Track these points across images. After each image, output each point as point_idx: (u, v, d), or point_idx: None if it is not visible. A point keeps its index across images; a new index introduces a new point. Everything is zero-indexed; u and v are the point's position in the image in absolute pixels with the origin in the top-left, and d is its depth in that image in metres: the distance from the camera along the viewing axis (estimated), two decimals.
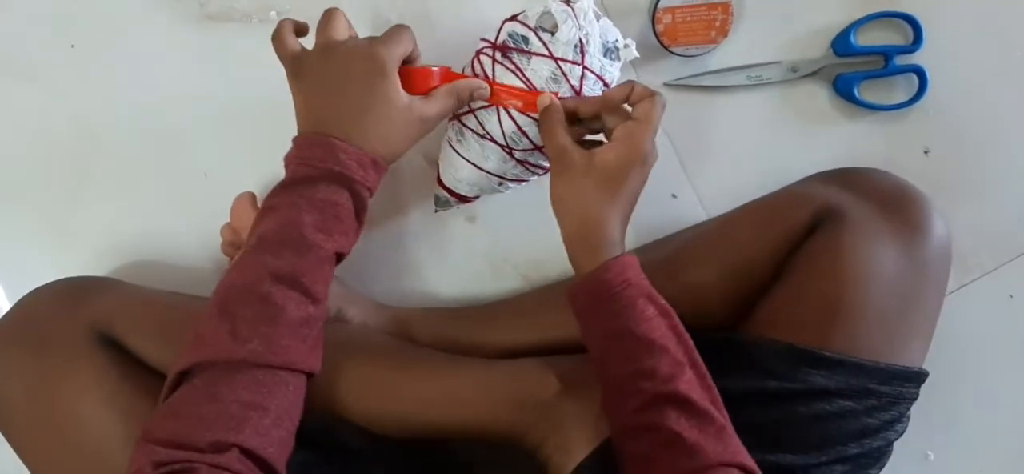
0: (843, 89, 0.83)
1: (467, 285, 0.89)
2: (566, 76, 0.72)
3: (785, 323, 0.73)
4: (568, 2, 0.72)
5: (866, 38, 0.84)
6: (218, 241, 0.82)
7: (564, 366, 0.77)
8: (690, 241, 0.83)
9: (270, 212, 0.66)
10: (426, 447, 0.77)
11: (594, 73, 0.73)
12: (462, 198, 0.80)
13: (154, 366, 0.72)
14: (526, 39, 0.73)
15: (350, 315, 0.83)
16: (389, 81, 0.67)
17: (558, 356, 0.79)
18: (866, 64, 0.84)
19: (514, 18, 0.74)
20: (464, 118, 0.76)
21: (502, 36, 0.74)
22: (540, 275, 0.88)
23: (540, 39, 0.72)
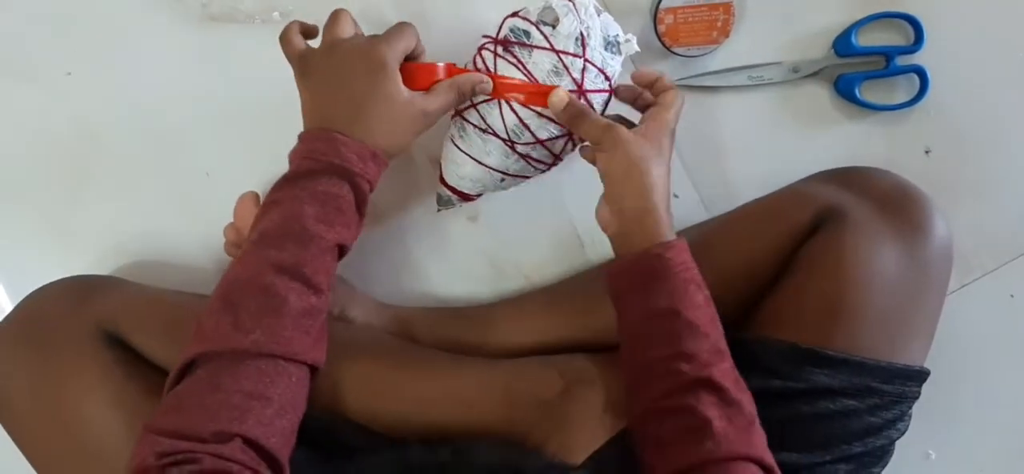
0: (844, 89, 0.84)
1: (469, 285, 0.89)
2: (568, 69, 0.72)
3: (787, 323, 0.73)
4: None
5: (867, 38, 0.84)
6: (220, 241, 0.82)
7: (567, 365, 0.77)
8: (692, 241, 0.82)
9: (272, 206, 0.66)
10: (427, 446, 0.77)
11: (595, 66, 0.73)
12: (464, 196, 0.80)
13: (159, 364, 0.72)
14: (528, 33, 0.73)
15: (353, 314, 0.83)
16: (389, 77, 0.68)
17: (560, 356, 0.79)
18: (867, 64, 0.84)
19: (515, 14, 0.75)
20: (466, 113, 0.76)
21: (504, 31, 0.75)
22: (542, 275, 0.88)
23: (541, 32, 0.72)
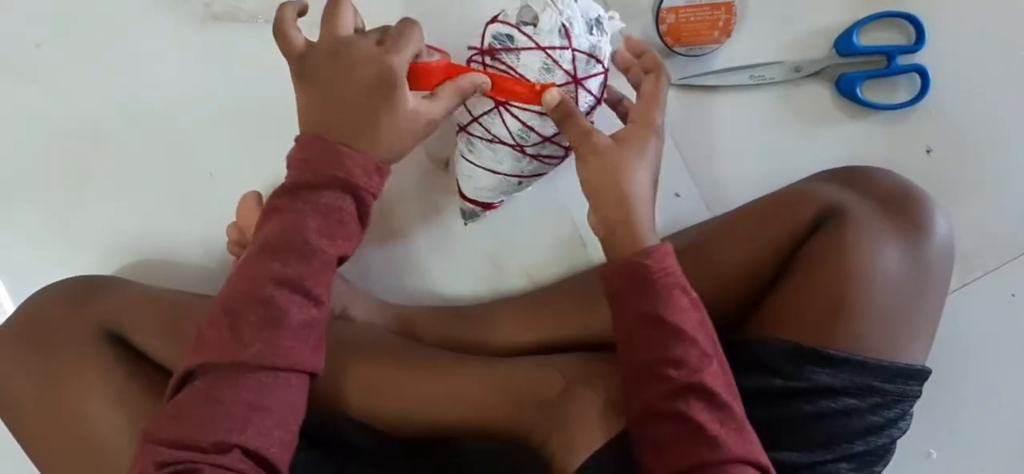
0: (846, 89, 0.84)
1: (471, 284, 0.89)
2: (558, 63, 0.71)
3: (789, 322, 0.73)
4: None
5: (868, 38, 0.84)
6: (223, 240, 0.82)
7: (568, 365, 0.77)
8: (694, 240, 0.83)
9: (274, 215, 0.65)
10: (430, 446, 0.77)
11: (584, 53, 0.72)
12: (487, 205, 0.81)
13: (161, 363, 0.73)
14: (511, 37, 0.72)
15: (355, 313, 0.83)
16: (399, 92, 0.66)
17: (562, 355, 0.79)
18: (868, 64, 0.84)
19: (495, 19, 0.74)
20: (470, 128, 0.76)
21: (487, 40, 0.73)
22: (544, 274, 0.89)
23: (524, 33, 0.72)
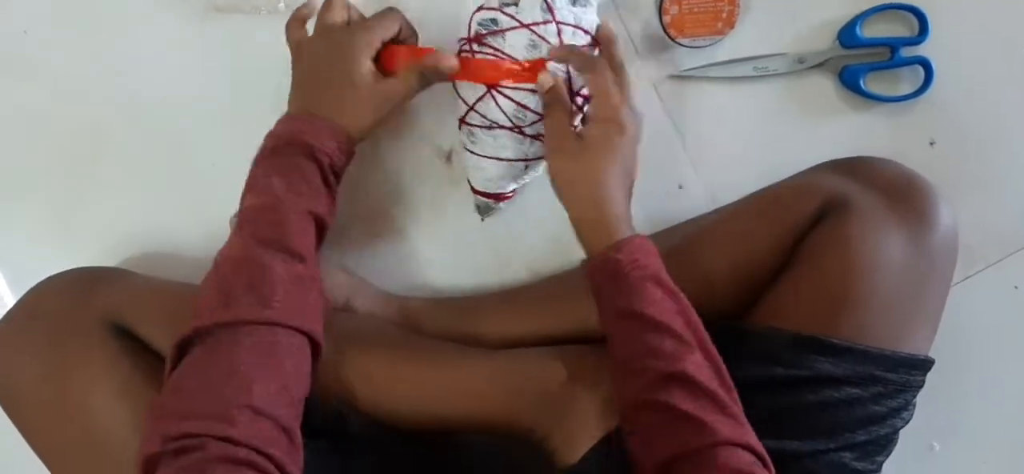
0: (849, 80, 0.84)
1: (474, 276, 0.89)
2: (543, 37, 0.72)
3: (792, 312, 0.73)
4: None
5: (872, 30, 0.84)
6: (225, 232, 0.81)
7: (570, 357, 0.77)
8: (697, 232, 0.83)
9: (248, 189, 0.69)
10: (431, 438, 0.77)
11: (569, 24, 0.72)
12: (499, 196, 0.81)
13: (165, 355, 0.72)
14: (494, 20, 0.73)
15: (358, 305, 0.83)
16: (354, 63, 0.70)
17: (565, 346, 0.79)
18: (872, 56, 0.84)
19: (479, 8, 0.75)
20: (468, 119, 0.76)
21: (473, 28, 0.75)
22: (547, 267, 0.88)
23: (506, 14, 0.73)
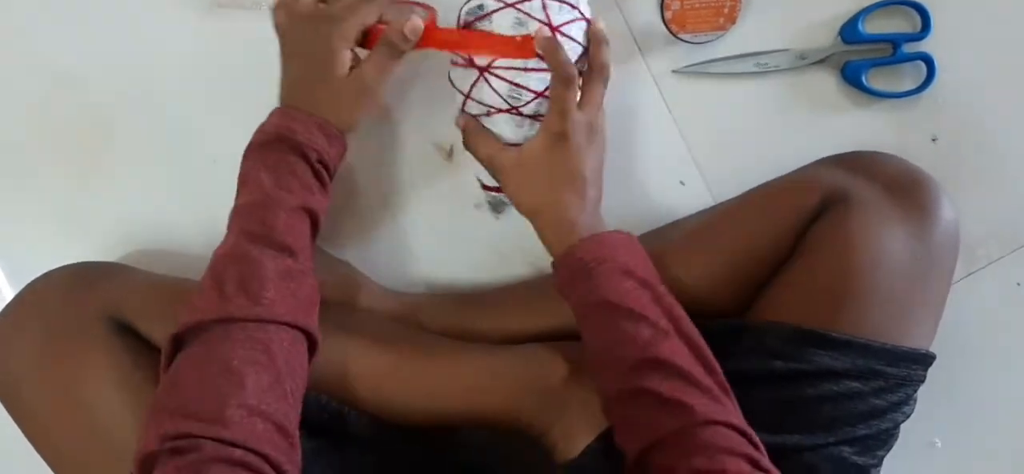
0: (851, 76, 0.83)
1: (475, 272, 0.89)
2: (529, 14, 0.71)
3: (792, 306, 0.73)
4: None
5: (874, 25, 0.84)
6: (225, 228, 0.82)
7: (571, 352, 0.77)
8: (698, 227, 0.83)
9: (240, 185, 0.69)
10: (431, 434, 0.77)
11: (555, 0, 0.72)
12: None
13: None
14: (481, 5, 0.73)
15: (359, 301, 0.83)
16: (328, 57, 0.70)
17: (565, 342, 0.79)
18: (874, 51, 0.84)
19: None
20: (466, 108, 0.76)
21: (462, 19, 0.75)
22: (547, 262, 0.86)
23: None
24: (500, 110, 0.74)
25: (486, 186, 0.81)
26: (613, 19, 0.82)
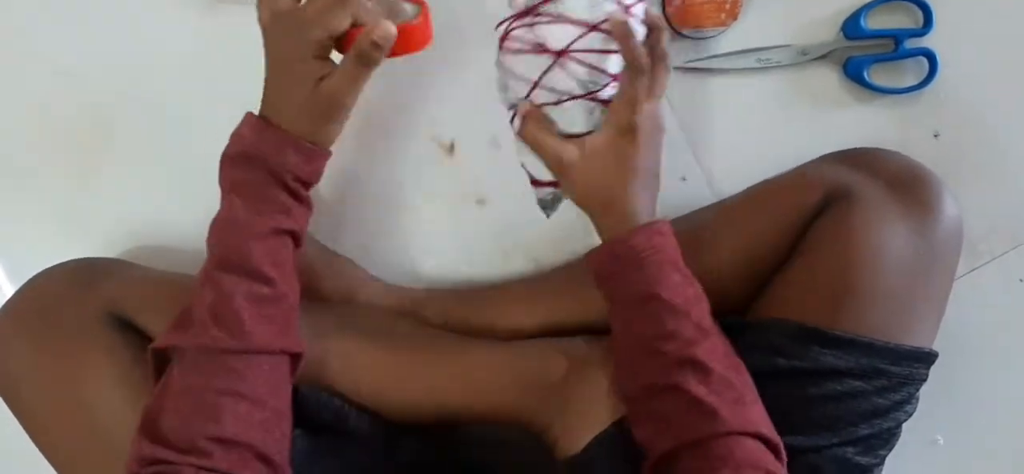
0: (853, 72, 0.83)
1: (477, 268, 0.89)
2: None
3: (795, 303, 0.73)
4: None
5: (876, 21, 0.83)
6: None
7: (573, 348, 0.77)
8: (700, 224, 0.83)
9: (220, 194, 0.67)
10: (432, 431, 0.77)
11: None
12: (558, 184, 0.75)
13: None
14: None
15: (359, 297, 0.83)
16: (296, 66, 0.65)
17: (567, 338, 0.79)
18: (876, 47, 0.84)
19: None
20: (534, 98, 0.70)
21: (520, 2, 0.70)
22: (550, 258, 0.88)
23: None
24: (575, 97, 0.70)
25: (538, 181, 0.76)
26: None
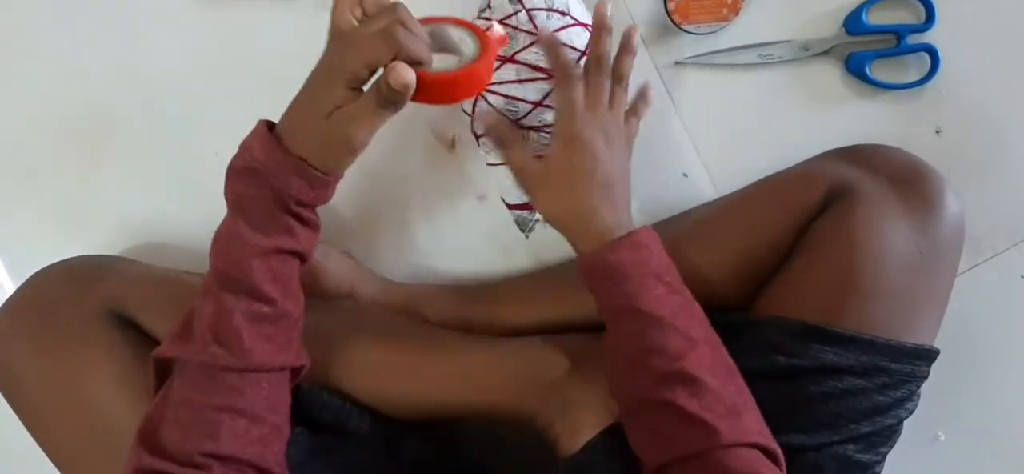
0: (855, 68, 0.83)
1: (478, 264, 0.89)
2: (518, 27, 0.72)
3: (796, 300, 0.73)
4: None
5: (878, 17, 0.83)
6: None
7: (574, 346, 0.77)
8: (701, 220, 0.83)
9: (228, 206, 0.64)
10: (432, 428, 0.77)
11: (542, 9, 0.72)
12: (532, 206, 0.78)
13: None
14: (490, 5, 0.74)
15: (361, 293, 0.83)
16: (322, 91, 0.61)
17: (568, 336, 0.79)
18: (878, 43, 0.83)
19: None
20: (473, 128, 0.76)
21: None
22: (551, 255, 0.88)
23: (482, 18, 0.74)
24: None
25: (510, 205, 0.80)
26: (616, 10, 0.82)
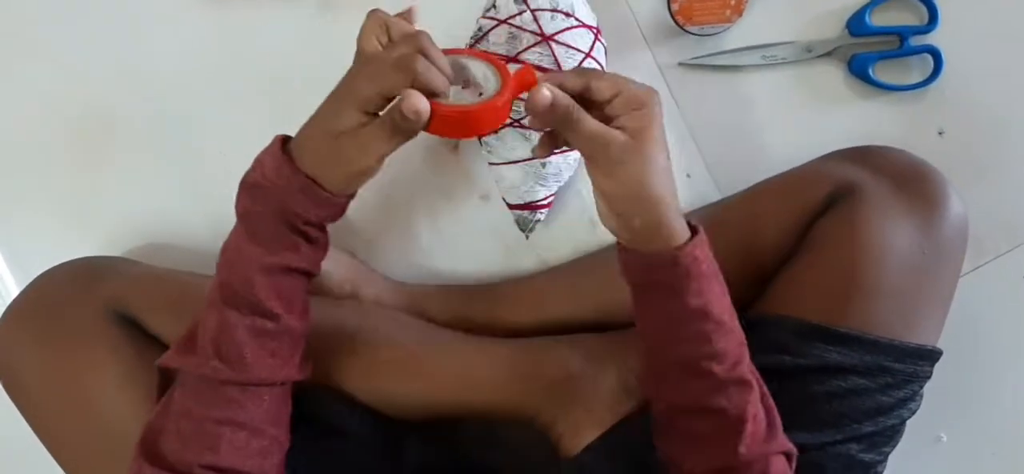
0: (858, 69, 0.83)
1: (482, 264, 0.89)
2: (522, 27, 0.73)
3: (799, 300, 0.73)
4: None
5: (881, 18, 0.83)
6: (233, 221, 0.82)
7: (577, 346, 0.77)
8: (705, 221, 0.82)
9: (237, 215, 0.64)
10: (433, 428, 0.77)
11: (546, 9, 0.73)
12: (534, 205, 0.80)
13: (170, 344, 0.72)
14: (480, 28, 0.75)
15: (364, 293, 0.83)
16: (336, 111, 0.59)
17: (572, 336, 0.79)
18: (881, 44, 0.83)
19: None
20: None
21: (466, 44, 0.77)
22: (554, 255, 0.88)
23: (487, 18, 0.74)
24: (505, 126, 0.75)
25: (511, 205, 0.81)
26: (620, 11, 0.82)
